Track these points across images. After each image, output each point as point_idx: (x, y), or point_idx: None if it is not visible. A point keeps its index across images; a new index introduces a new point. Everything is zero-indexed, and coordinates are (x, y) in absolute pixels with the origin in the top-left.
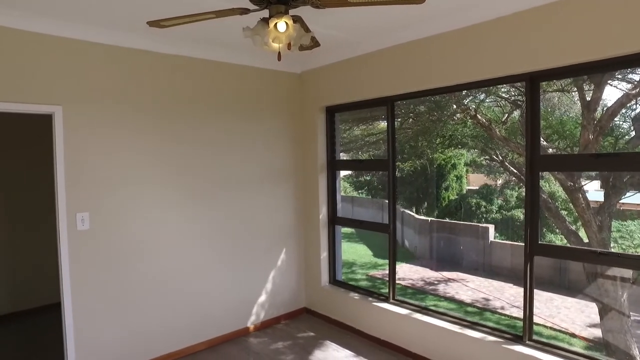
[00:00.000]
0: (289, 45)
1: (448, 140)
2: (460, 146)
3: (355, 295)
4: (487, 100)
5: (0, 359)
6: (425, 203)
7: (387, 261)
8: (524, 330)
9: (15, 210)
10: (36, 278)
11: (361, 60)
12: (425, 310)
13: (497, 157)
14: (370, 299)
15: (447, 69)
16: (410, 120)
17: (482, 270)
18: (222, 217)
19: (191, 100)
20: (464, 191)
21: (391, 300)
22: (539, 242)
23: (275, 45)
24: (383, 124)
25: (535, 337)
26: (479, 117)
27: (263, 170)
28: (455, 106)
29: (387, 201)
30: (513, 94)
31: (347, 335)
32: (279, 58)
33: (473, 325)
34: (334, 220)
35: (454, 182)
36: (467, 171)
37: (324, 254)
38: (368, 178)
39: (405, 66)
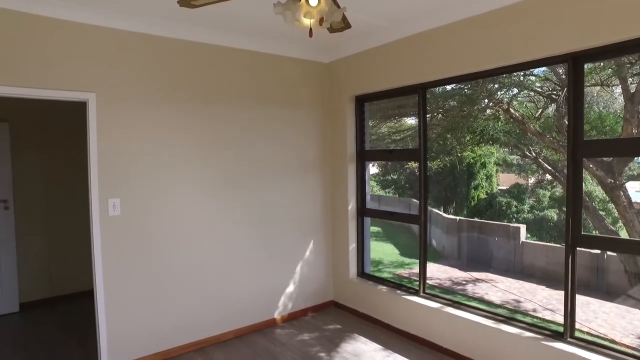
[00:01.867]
0: (320, 21)
1: (479, 136)
2: (491, 142)
3: (384, 288)
4: (520, 96)
5: (36, 341)
6: (454, 202)
7: (414, 260)
8: (565, 327)
9: (54, 199)
10: (73, 265)
11: (391, 47)
12: (457, 304)
13: (531, 153)
14: (399, 292)
15: (481, 52)
16: (440, 116)
17: (513, 271)
18: (251, 206)
19: (222, 88)
20: (494, 190)
21: (421, 294)
22: (582, 233)
23: (307, 21)
24: (411, 121)
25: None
26: (512, 110)
27: (292, 160)
28: (487, 100)
29: (414, 200)
30: (547, 88)
31: (376, 328)
32: (310, 34)
33: (508, 321)
34: (362, 211)
35: (483, 181)
36: (496, 171)
37: (352, 246)
38: (395, 177)
39: (437, 52)
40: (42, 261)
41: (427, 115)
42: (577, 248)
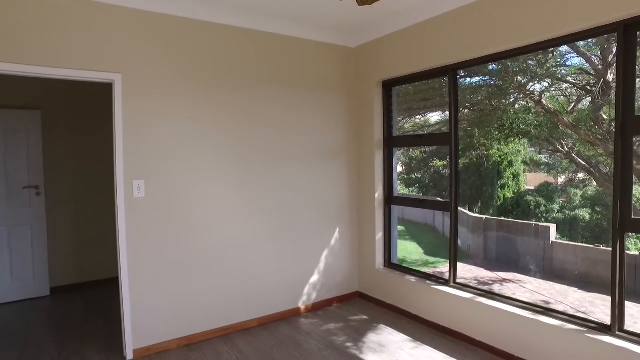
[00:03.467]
0: None
1: (508, 130)
2: (521, 136)
3: (412, 279)
4: (552, 89)
5: (66, 322)
6: (479, 202)
7: (438, 259)
8: (612, 319)
9: (83, 187)
10: (101, 252)
11: (419, 28)
12: (490, 295)
13: (563, 148)
14: (428, 282)
15: (521, 25)
16: (466, 110)
17: (542, 272)
18: (275, 192)
19: (248, 72)
20: (522, 189)
21: (452, 284)
22: (632, 217)
23: None
24: (436, 117)
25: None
26: (544, 102)
27: (318, 146)
28: (517, 93)
29: (438, 199)
30: (581, 80)
31: (403, 320)
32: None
33: (547, 312)
34: (390, 199)
35: (510, 180)
36: (524, 170)
37: (379, 235)
38: (419, 176)
39: (468, 30)
40: (71, 247)
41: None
42: (626, 233)
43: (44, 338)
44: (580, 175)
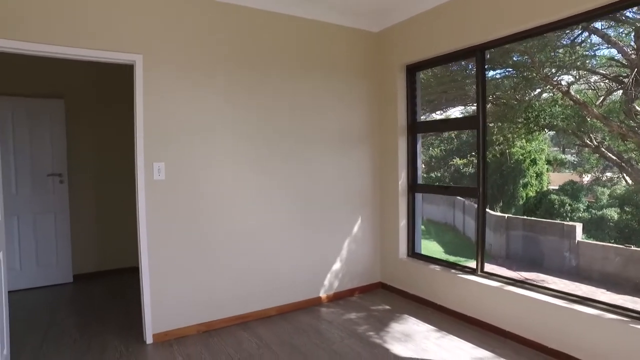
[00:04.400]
0: None
1: (533, 123)
2: (546, 129)
3: (437, 268)
4: (579, 82)
5: (88, 308)
6: (501, 201)
7: (459, 258)
8: None
9: (104, 175)
10: (122, 241)
11: (444, 9)
12: (520, 283)
13: (592, 142)
14: (454, 271)
15: None
16: (488, 105)
17: (567, 272)
18: (297, 178)
19: (270, 57)
20: (545, 188)
21: (479, 273)
22: None
23: None
24: (457, 113)
25: None
26: (572, 92)
27: (341, 132)
28: (544, 84)
29: (459, 198)
30: (611, 72)
31: (427, 310)
32: None
33: (584, 301)
34: (414, 187)
35: (533, 178)
36: (547, 169)
37: (403, 224)
38: (439, 174)
39: (496, 7)
40: (93, 236)
41: (474, 106)
42: None
43: (66, 321)
44: (608, 174)
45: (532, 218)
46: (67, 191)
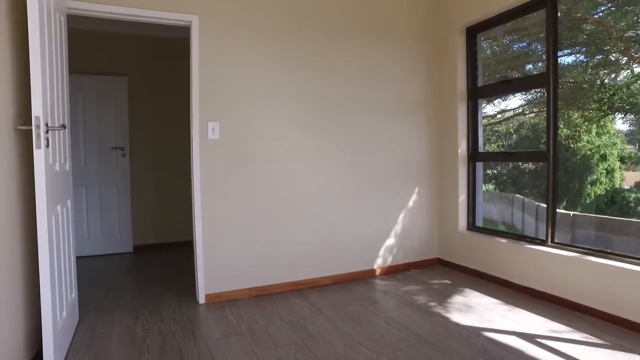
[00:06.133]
0: None
1: (607, 104)
2: (623, 112)
3: (503, 240)
4: None
5: (147, 274)
6: (565, 199)
7: None
8: None
9: (163, 151)
10: (180, 215)
11: None
12: (599, 253)
13: None
14: (521, 242)
15: None
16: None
17: None
18: (350, 146)
19: (327, 22)
20: (617, 186)
21: (549, 243)
22: None
23: None
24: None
25: None
26: None
27: (396, 99)
28: (622, 57)
29: (517, 195)
30: None
31: (490, 285)
32: None
33: None
34: (474, 156)
35: (603, 175)
36: (619, 167)
37: (463, 196)
38: (495, 171)
39: None
40: (152, 209)
41: (531, 93)
42: None
43: (126, 282)
44: None
45: (603, 216)
46: (128, 165)
